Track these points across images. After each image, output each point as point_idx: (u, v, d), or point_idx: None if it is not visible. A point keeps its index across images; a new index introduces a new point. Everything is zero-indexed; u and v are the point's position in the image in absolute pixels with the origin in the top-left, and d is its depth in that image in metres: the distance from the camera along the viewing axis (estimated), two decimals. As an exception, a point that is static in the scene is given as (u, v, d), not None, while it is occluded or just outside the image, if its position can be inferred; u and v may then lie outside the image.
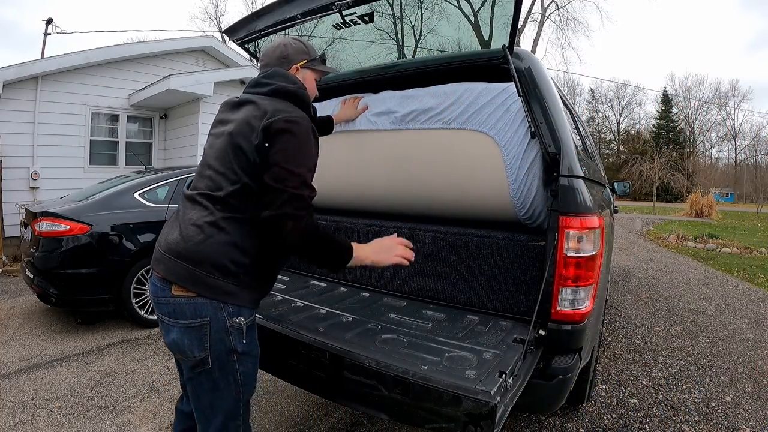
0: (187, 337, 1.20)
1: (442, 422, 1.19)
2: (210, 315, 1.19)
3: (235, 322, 1.22)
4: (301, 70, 1.43)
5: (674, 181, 29.80)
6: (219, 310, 1.20)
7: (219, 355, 1.22)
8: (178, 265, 1.21)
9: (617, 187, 4.77)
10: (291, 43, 1.45)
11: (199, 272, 1.19)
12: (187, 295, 1.19)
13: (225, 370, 1.23)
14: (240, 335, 1.23)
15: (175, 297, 1.20)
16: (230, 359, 1.23)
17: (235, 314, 1.22)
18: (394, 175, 2.05)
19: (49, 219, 3.51)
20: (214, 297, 1.20)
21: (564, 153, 1.56)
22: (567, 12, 25.32)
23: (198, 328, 1.19)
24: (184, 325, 1.20)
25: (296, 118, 1.24)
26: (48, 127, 6.98)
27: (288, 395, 2.63)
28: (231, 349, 1.23)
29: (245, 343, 1.25)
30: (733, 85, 58.64)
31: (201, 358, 1.21)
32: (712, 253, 8.86)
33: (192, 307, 1.19)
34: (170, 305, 1.21)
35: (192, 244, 1.21)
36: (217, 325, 1.20)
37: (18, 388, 2.67)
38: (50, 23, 10.89)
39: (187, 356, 1.23)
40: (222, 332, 1.21)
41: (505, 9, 1.69)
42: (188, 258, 1.20)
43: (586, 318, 1.56)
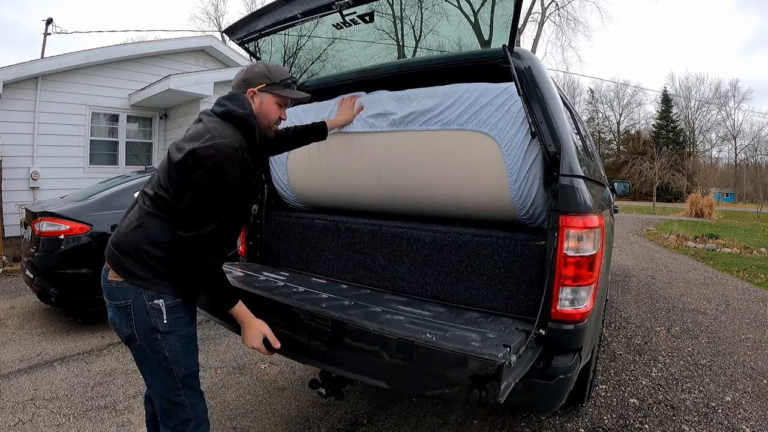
0: (117, 316, 1.39)
1: (446, 388, 1.17)
2: (132, 297, 1.36)
3: (155, 304, 1.37)
4: (259, 94, 1.49)
5: (674, 181, 29.80)
6: (140, 293, 1.36)
7: (144, 333, 1.37)
8: (111, 252, 1.41)
9: (617, 187, 4.76)
10: (256, 67, 1.51)
11: (122, 259, 1.37)
12: (117, 280, 1.38)
13: (152, 347, 1.39)
14: (160, 315, 1.37)
15: (109, 281, 1.40)
16: (155, 337, 1.38)
17: (154, 297, 1.37)
18: (393, 176, 2.05)
19: (49, 219, 3.51)
20: (132, 282, 1.36)
21: (564, 152, 1.56)
22: (567, 12, 25.36)
23: (124, 308, 1.37)
24: (114, 306, 1.39)
25: (222, 146, 1.32)
26: (48, 127, 6.98)
27: (288, 395, 2.63)
28: (153, 327, 1.37)
29: (166, 322, 1.38)
30: (733, 85, 58.64)
31: (129, 334, 1.39)
32: (712, 253, 8.86)
33: (119, 290, 1.37)
34: (106, 288, 1.41)
35: (120, 235, 1.41)
36: (139, 306, 1.36)
37: (18, 388, 2.67)
38: (50, 23, 10.89)
39: (119, 332, 1.42)
40: (143, 312, 1.36)
41: (505, 9, 1.69)
42: (117, 246, 1.39)
43: (587, 318, 1.56)
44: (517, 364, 1.25)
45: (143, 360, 1.42)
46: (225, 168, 1.32)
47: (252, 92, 1.48)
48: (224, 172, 1.32)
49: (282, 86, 1.51)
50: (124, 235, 1.39)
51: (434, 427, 2.32)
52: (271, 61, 2.21)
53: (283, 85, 1.51)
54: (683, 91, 51.47)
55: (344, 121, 2.08)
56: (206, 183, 1.31)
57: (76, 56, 7.08)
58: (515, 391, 1.49)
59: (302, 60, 2.37)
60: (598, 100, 54.95)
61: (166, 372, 1.40)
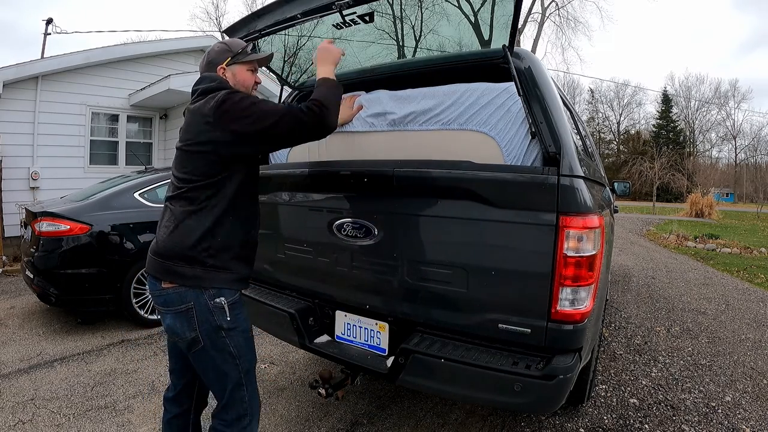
0: (177, 321, 1.39)
1: None
2: (192, 300, 1.38)
3: (217, 302, 1.39)
4: (228, 68, 1.54)
5: (674, 181, 29.80)
6: (200, 294, 1.38)
7: (208, 333, 1.39)
8: (156, 262, 1.41)
9: (617, 187, 4.76)
10: (214, 48, 1.58)
11: (170, 264, 1.38)
12: (172, 286, 1.39)
13: (217, 346, 1.40)
14: (223, 313, 1.40)
15: (163, 289, 1.40)
16: (219, 336, 1.40)
17: (215, 296, 1.39)
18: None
19: (49, 219, 3.51)
20: (189, 284, 1.37)
21: (564, 153, 1.55)
22: (567, 12, 25.36)
23: (184, 312, 1.38)
24: (173, 312, 1.39)
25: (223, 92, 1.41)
26: (48, 127, 6.98)
27: (288, 395, 2.64)
28: (217, 326, 1.39)
29: (230, 319, 1.41)
30: (732, 85, 58.66)
31: (192, 338, 1.39)
32: (712, 253, 8.86)
33: (176, 295, 1.38)
34: (161, 297, 1.41)
35: (161, 242, 1.42)
36: (201, 307, 1.38)
37: (18, 388, 2.67)
38: (50, 23, 10.89)
39: (180, 338, 1.41)
40: (206, 313, 1.38)
41: (505, 9, 1.69)
42: (161, 254, 1.40)
43: (586, 318, 1.56)
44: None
45: (206, 361, 1.42)
46: (238, 93, 1.42)
47: (222, 69, 1.53)
48: (240, 94, 1.42)
49: (245, 54, 1.57)
50: (165, 241, 1.41)
51: (434, 427, 2.32)
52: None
53: (245, 53, 1.58)
54: (683, 91, 51.52)
55: (343, 120, 2.08)
56: (237, 102, 1.37)
57: (76, 56, 7.08)
58: (515, 391, 1.50)
59: (302, 60, 2.36)
60: (598, 100, 55.00)
61: (232, 368, 1.43)
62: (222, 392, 1.45)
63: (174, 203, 1.44)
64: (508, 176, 1.60)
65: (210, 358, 1.41)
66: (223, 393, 1.45)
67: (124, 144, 8.02)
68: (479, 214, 1.63)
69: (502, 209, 1.59)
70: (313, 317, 2.10)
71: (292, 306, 2.09)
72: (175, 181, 1.47)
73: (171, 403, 1.63)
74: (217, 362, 1.41)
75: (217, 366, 1.42)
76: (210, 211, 1.39)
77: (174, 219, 1.41)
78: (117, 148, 7.98)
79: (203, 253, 1.38)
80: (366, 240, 1.86)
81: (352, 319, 1.99)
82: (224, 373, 1.43)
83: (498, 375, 1.53)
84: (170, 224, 1.41)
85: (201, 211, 1.39)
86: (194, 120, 1.42)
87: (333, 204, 2.00)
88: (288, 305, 2.11)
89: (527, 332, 1.57)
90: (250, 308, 2.21)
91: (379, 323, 1.91)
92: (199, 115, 1.40)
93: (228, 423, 1.45)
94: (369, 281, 1.91)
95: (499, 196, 1.60)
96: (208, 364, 1.43)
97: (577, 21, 25.93)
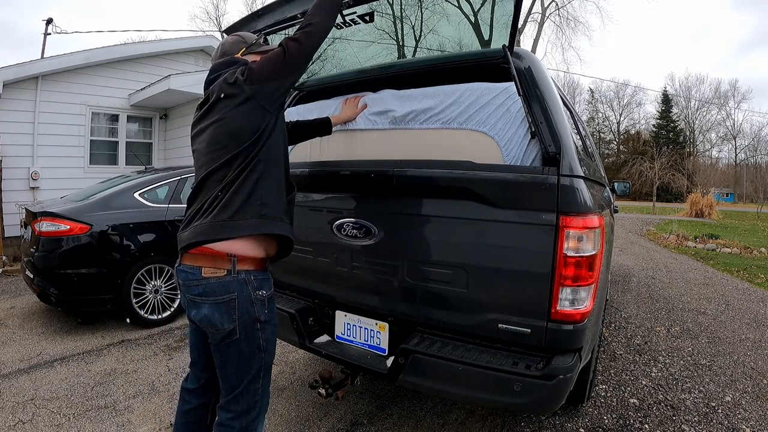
0: (217, 312, 1.36)
1: None
2: (236, 290, 1.36)
3: (259, 294, 1.40)
4: (244, 57, 1.56)
5: (674, 181, 29.78)
6: (244, 285, 1.37)
7: (245, 325, 1.38)
8: (201, 231, 1.35)
9: (617, 187, 4.76)
10: (228, 40, 1.60)
11: (217, 226, 1.33)
12: (216, 276, 1.36)
13: (249, 338, 1.40)
14: (263, 306, 1.42)
15: (205, 278, 1.36)
16: (254, 328, 1.40)
17: (258, 288, 1.40)
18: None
19: (49, 219, 3.50)
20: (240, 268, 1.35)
21: (564, 153, 1.56)
22: (567, 12, 25.31)
23: (226, 303, 1.36)
24: (214, 302, 1.36)
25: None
26: (48, 127, 6.98)
27: (288, 395, 2.63)
28: (255, 318, 1.39)
29: (267, 312, 1.43)
30: (732, 85, 58.65)
31: (230, 330, 1.37)
32: (712, 253, 8.86)
33: (221, 285, 1.36)
34: (201, 286, 1.37)
35: (206, 222, 1.35)
36: (244, 298, 1.37)
37: (18, 388, 2.67)
38: (50, 23, 10.89)
39: (217, 329, 1.38)
40: (248, 304, 1.38)
41: (505, 9, 1.69)
42: (205, 230, 1.35)
43: (586, 318, 1.56)
44: None
45: (235, 353, 1.40)
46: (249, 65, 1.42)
47: (240, 53, 1.55)
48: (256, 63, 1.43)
49: (258, 45, 1.60)
50: (213, 218, 1.35)
51: (434, 427, 2.32)
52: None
53: (258, 43, 1.61)
54: (683, 91, 51.52)
55: (347, 118, 2.09)
56: (258, 65, 1.39)
57: (76, 56, 7.08)
58: (515, 391, 1.50)
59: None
60: (598, 100, 54.99)
61: (257, 361, 1.43)
62: (238, 383, 1.42)
63: (204, 190, 1.40)
64: (508, 176, 1.60)
65: (239, 350, 1.39)
66: (239, 384, 1.42)
67: (124, 144, 8.02)
68: (479, 214, 1.63)
69: (502, 209, 1.59)
70: (313, 317, 2.10)
71: (292, 306, 2.09)
72: (208, 162, 1.42)
73: (192, 394, 1.60)
74: (245, 354, 1.40)
75: (243, 357, 1.40)
76: (248, 175, 1.37)
77: (210, 203, 1.37)
78: (117, 148, 7.98)
79: (255, 202, 1.36)
80: (366, 240, 1.86)
81: (352, 319, 1.99)
82: (247, 365, 1.42)
83: (498, 375, 1.53)
84: (215, 203, 1.36)
85: (238, 178, 1.36)
86: (221, 91, 1.41)
87: (333, 204, 2.00)
88: (288, 305, 2.11)
89: (527, 332, 1.57)
90: None
91: (379, 323, 1.91)
92: (225, 85, 1.41)
93: (236, 414, 1.42)
94: (369, 281, 1.91)
95: (499, 196, 1.60)
96: (235, 356, 1.40)
97: (577, 21, 25.91)
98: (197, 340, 1.57)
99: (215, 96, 1.44)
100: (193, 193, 1.45)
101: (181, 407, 1.61)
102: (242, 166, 1.36)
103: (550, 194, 1.51)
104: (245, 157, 1.37)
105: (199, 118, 1.50)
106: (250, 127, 1.37)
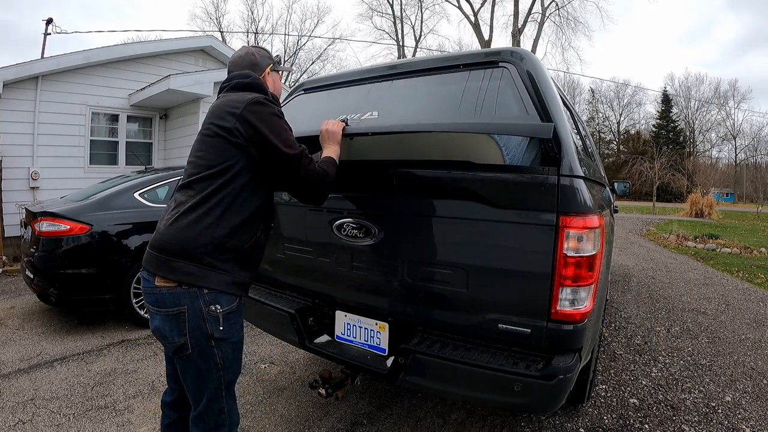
0: (168, 324, 1.32)
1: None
2: (186, 303, 1.30)
3: (211, 310, 1.32)
4: (270, 74, 1.65)
5: (674, 181, 29.78)
6: (195, 298, 1.30)
7: (198, 340, 1.32)
8: (154, 256, 1.34)
9: (617, 187, 4.76)
10: (259, 52, 1.66)
11: (162, 257, 1.32)
12: (167, 286, 1.31)
13: (204, 354, 1.34)
14: (216, 322, 1.33)
15: (157, 287, 1.32)
16: (208, 344, 1.33)
17: (211, 303, 1.32)
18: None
19: (49, 219, 3.51)
20: (189, 282, 1.30)
21: (564, 153, 1.55)
22: (567, 12, 25.31)
23: (176, 316, 1.31)
24: (164, 313, 1.32)
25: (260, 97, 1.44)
26: (48, 127, 6.98)
27: (288, 395, 2.64)
28: (208, 335, 1.32)
29: (222, 329, 1.34)
30: (732, 85, 58.50)
31: (181, 343, 1.32)
32: (712, 253, 8.86)
33: (171, 296, 1.31)
34: (153, 295, 1.34)
35: (160, 233, 1.35)
36: (194, 312, 1.31)
37: (18, 388, 2.67)
38: (50, 23, 10.88)
39: (168, 341, 1.35)
40: (198, 319, 1.31)
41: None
42: (156, 246, 1.34)
43: (586, 318, 1.56)
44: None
45: (190, 368, 1.36)
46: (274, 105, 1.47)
47: (266, 74, 1.62)
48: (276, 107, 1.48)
49: (280, 63, 1.72)
50: (163, 233, 1.34)
51: (434, 427, 2.32)
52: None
53: (280, 62, 1.73)
54: (683, 91, 51.50)
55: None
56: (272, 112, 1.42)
57: (76, 56, 7.08)
58: (515, 391, 1.50)
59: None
60: (598, 100, 54.97)
61: (214, 379, 1.36)
62: (199, 400, 1.38)
63: (180, 193, 1.39)
64: (508, 176, 1.60)
65: (194, 365, 1.34)
66: (200, 400, 1.38)
67: (124, 144, 8.03)
68: (479, 214, 1.62)
69: (502, 209, 1.59)
70: (313, 317, 2.10)
71: (292, 306, 2.09)
72: (188, 168, 1.43)
73: (170, 408, 1.57)
74: (201, 370, 1.35)
75: (200, 373, 1.35)
76: (215, 204, 1.32)
77: (176, 211, 1.34)
78: (117, 148, 7.98)
79: (200, 249, 1.30)
80: (366, 240, 1.86)
81: (352, 319, 1.99)
82: (205, 382, 1.36)
83: (498, 375, 1.53)
84: (171, 216, 1.35)
85: (205, 203, 1.32)
86: (222, 106, 1.42)
87: (333, 204, 2.00)
88: (288, 305, 2.11)
89: (527, 332, 1.57)
90: (250, 308, 2.22)
91: (379, 323, 1.91)
92: (228, 104, 1.41)
93: (206, 431, 1.39)
94: (369, 281, 1.91)
95: (499, 196, 1.60)
96: (191, 370, 1.36)
97: (577, 21, 25.89)
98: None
99: (214, 105, 1.49)
100: (175, 192, 1.49)
101: (163, 420, 1.59)
102: (209, 195, 1.38)
103: (550, 194, 1.51)
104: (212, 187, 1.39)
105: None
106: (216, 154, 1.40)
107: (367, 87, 2.18)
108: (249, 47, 1.66)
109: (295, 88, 2.62)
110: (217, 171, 1.35)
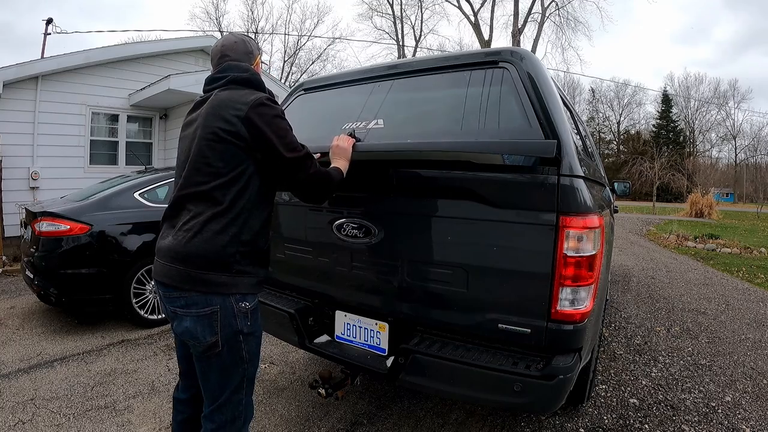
0: (200, 324, 1.34)
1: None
2: (219, 303, 1.34)
3: (241, 307, 1.37)
4: (260, 63, 1.66)
5: (674, 181, 29.77)
6: (226, 298, 1.35)
7: (228, 337, 1.36)
8: (174, 269, 1.33)
9: (617, 187, 4.76)
10: (251, 40, 1.63)
11: (191, 272, 1.31)
12: (199, 290, 1.33)
13: (232, 350, 1.38)
14: (246, 318, 1.39)
15: (187, 291, 1.33)
16: (237, 340, 1.38)
17: (240, 300, 1.37)
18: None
19: (49, 219, 3.51)
20: (220, 293, 1.33)
21: (564, 153, 1.55)
22: (567, 12, 25.28)
23: (209, 315, 1.33)
24: (196, 314, 1.33)
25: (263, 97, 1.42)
26: (48, 127, 6.98)
27: (288, 395, 2.63)
28: (237, 330, 1.37)
29: (250, 324, 1.40)
30: (732, 85, 58.53)
31: (211, 342, 1.35)
32: (712, 253, 8.86)
33: (203, 297, 1.33)
34: (182, 299, 1.34)
35: (180, 246, 1.33)
36: (226, 311, 1.35)
37: (18, 388, 2.67)
38: (50, 23, 10.88)
39: (198, 342, 1.35)
40: (230, 317, 1.35)
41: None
42: (181, 260, 1.32)
43: (586, 318, 1.56)
44: None
45: (217, 364, 1.37)
46: (277, 106, 1.46)
47: (256, 64, 1.61)
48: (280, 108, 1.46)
49: (261, 52, 1.70)
50: (186, 246, 1.31)
51: (434, 427, 2.32)
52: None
53: (261, 51, 1.70)
54: (683, 91, 51.49)
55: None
56: (276, 114, 1.41)
57: (76, 56, 7.08)
58: (515, 391, 1.50)
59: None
60: (598, 100, 54.96)
61: (239, 373, 1.41)
62: (220, 394, 1.40)
63: (194, 204, 1.35)
64: (508, 176, 1.60)
65: (221, 361, 1.37)
66: (221, 394, 1.40)
67: (124, 144, 8.02)
68: (479, 214, 1.63)
69: (502, 209, 1.59)
70: (312, 317, 2.10)
71: (291, 306, 2.09)
72: (191, 173, 1.37)
73: (185, 405, 1.58)
74: (227, 365, 1.38)
75: (226, 368, 1.38)
76: (237, 213, 1.34)
77: (195, 221, 1.32)
78: (117, 148, 7.98)
79: (229, 258, 1.33)
80: (366, 240, 1.86)
81: (352, 319, 1.99)
82: (229, 376, 1.39)
83: (498, 375, 1.53)
84: (190, 227, 1.32)
85: (228, 213, 1.33)
86: (223, 106, 1.39)
87: (333, 204, 2.00)
88: (288, 305, 2.11)
89: (527, 332, 1.57)
90: None
91: (379, 323, 1.91)
92: (230, 104, 1.38)
93: (220, 425, 1.40)
94: (369, 281, 1.91)
95: (499, 196, 1.60)
96: (217, 367, 1.38)
97: (577, 21, 25.87)
98: (185, 349, 1.53)
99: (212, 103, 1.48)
100: (179, 199, 1.47)
101: (175, 416, 1.61)
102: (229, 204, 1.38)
103: (550, 194, 1.51)
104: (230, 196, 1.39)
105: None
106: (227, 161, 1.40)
107: (367, 87, 2.18)
108: (238, 34, 1.62)
109: (295, 88, 2.62)
110: (231, 178, 1.34)
